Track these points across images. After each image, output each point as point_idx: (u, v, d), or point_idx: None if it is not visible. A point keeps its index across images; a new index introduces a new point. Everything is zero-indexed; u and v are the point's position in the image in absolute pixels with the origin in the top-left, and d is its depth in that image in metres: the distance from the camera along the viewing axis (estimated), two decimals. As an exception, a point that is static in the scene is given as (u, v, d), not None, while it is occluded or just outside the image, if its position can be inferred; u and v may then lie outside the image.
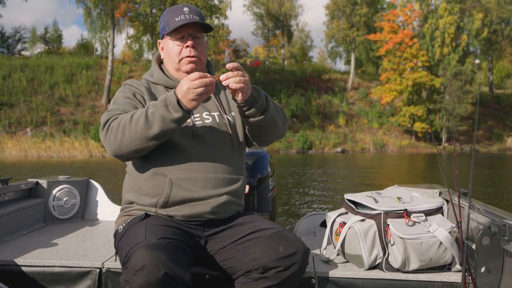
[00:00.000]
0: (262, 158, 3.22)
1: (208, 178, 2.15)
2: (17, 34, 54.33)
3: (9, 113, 33.88)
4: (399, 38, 45.21)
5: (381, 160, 28.90)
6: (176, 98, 1.96)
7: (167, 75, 2.34)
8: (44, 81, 37.62)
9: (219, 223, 2.19)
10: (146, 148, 2.06)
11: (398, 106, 45.49)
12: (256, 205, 3.11)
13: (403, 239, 2.22)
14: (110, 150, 2.11)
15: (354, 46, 51.81)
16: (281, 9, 51.31)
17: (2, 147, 30.17)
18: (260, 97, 2.15)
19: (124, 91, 2.28)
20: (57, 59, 41.95)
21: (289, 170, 19.56)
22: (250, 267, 2.00)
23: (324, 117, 44.33)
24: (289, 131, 40.14)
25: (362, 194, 2.49)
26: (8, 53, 50.54)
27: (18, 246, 2.63)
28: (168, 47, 2.29)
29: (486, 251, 2.05)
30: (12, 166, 21.71)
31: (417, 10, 49.23)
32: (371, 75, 53.68)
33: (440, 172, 12.22)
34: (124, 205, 2.27)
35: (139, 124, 2.00)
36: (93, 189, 3.51)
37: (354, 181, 15.06)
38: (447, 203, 2.61)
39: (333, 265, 2.37)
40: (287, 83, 46.78)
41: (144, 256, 1.73)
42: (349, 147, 40.60)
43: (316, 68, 55.28)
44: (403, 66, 45.10)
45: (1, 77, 36.58)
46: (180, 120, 1.98)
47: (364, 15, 49.94)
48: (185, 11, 2.22)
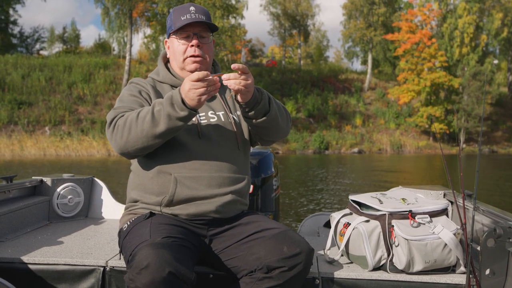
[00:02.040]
0: (266, 158, 3.22)
1: (213, 177, 2.16)
2: (35, 33, 55.19)
3: (28, 112, 34.27)
4: (417, 38, 44.85)
5: (398, 161, 28.71)
6: (181, 97, 1.98)
7: (173, 74, 2.35)
8: (62, 80, 37.99)
9: (224, 222, 2.20)
10: (152, 145, 2.07)
11: (416, 107, 45.11)
12: (260, 205, 3.11)
13: (407, 240, 2.21)
14: (116, 148, 2.13)
15: (371, 46, 51.50)
16: (298, 8, 51.19)
17: (21, 145, 30.54)
18: (263, 100, 2.15)
19: (130, 89, 2.29)
20: (75, 59, 42.32)
21: (302, 170, 19.49)
22: (254, 266, 2.00)
23: (341, 117, 44.14)
24: (305, 131, 40.07)
25: (366, 195, 2.49)
26: (27, 53, 51.27)
27: (22, 243, 2.63)
28: (173, 46, 2.30)
29: (491, 253, 2.04)
30: (30, 164, 21.97)
31: (436, 10, 48.79)
32: (388, 75, 53.30)
33: (457, 174, 12.07)
34: (129, 204, 2.28)
35: (145, 122, 2.01)
36: (97, 187, 3.52)
37: (368, 182, 14.98)
38: (451, 205, 2.59)
39: (337, 266, 2.36)
40: (304, 83, 46.65)
41: (149, 254, 1.74)
42: (366, 148, 40.39)
43: (332, 68, 55.06)
44: (421, 66, 44.73)
45: (20, 76, 36.99)
46: (186, 118, 2.00)
47: (382, 15, 49.62)
48: (191, 10, 2.23)
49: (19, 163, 22.80)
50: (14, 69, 37.44)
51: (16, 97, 34.74)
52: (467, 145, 44.74)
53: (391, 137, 42.10)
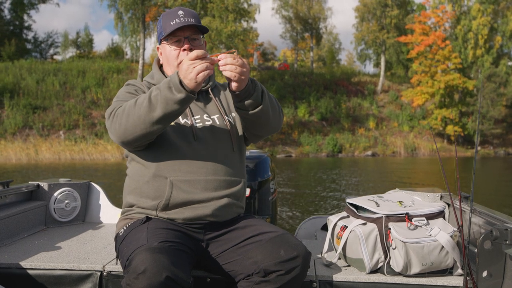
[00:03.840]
0: (263, 162, 3.23)
1: (208, 180, 2.16)
2: (49, 39, 55.59)
3: (42, 116, 34.58)
4: (430, 40, 44.52)
5: (412, 164, 28.52)
6: (179, 78, 1.95)
7: (167, 78, 2.32)
8: (76, 84, 38.29)
9: (220, 226, 2.20)
10: (151, 132, 2.03)
11: (430, 109, 44.79)
12: (257, 208, 3.11)
13: (404, 243, 2.21)
14: (115, 137, 2.11)
15: (384, 49, 51.27)
16: (310, 11, 51.10)
17: (36, 149, 30.82)
18: (256, 91, 2.11)
19: (126, 89, 2.30)
20: (89, 63, 42.62)
21: (316, 175, 19.44)
22: (251, 270, 2.00)
23: (354, 120, 43.96)
24: (318, 134, 39.97)
25: (363, 198, 2.49)
26: (41, 58, 51.68)
27: (19, 248, 2.63)
28: (165, 51, 2.29)
29: (488, 255, 2.03)
30: (46, 168, 22.18)
31: (449, 12, 48.44)
32: (401, 78, 52.97)
33: (468, 177, 11.95)
34: (125, 208, 2.28)
35: (142, 107, 1.99)
36: (94, 192, 3.51)
37: (383, 184, 14.90)
38: (448, 207, 2.58)
39: (334, 269, 2.37)
40: (316, 86, 46.54)
41: (146, 259, 1.74)
42: (379, 151, 40.17)
43: (345, 71, 54.85)
44: (435, 69, 44.41)
45: (35, 81, 37.33)
46: (183, 101, 1.96)
47: (395, 17, 49.37)
48: (179, 14, 2.22)
49: (34, 167, 23.03)
50: (29, 74, 37.80)
51: (31, 101, 35.07)
52: (482, 147, 44.32)
53: (405, 140, 41.82)
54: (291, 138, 39.55)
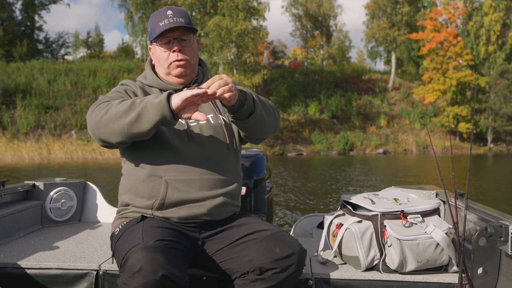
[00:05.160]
0: (258, 160, 3.22)
1: (203, 179, 2.16)
2: (60, 39, 55.91)
3: (54, 116, 34.88)
4: (442, 37, 44.22)
5: (423, 162, 28.37)
6: (169, 94, 1.94)
7: (160, 78, 2.33)
8: (87, 84, 38.54)
9: (216, 225, 2.20)
10: (121, 133, 2.01)
11: (442, 106, 44.51)
12: (253, 207, 3.11)
13: (400, 240, 2.21)
14: (90, 127, 2.10)
15: (395, 46, 51.00)
16: (320, 9, 51.00)
17: (48, 149, 31.10)
18: (247, 100, 2.12)
19: (117, 88, 2.31)
20: (99, 63, 42.86)
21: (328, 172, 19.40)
22: (247, 268, 2.00)
23: (365, 118, 43.81)
24: (329, 133, 39.90)
25: (359, 196, 2.49)
26: (52, 58, 52.04)
27: (15, 248, 2.63)
28: (156, 53, 2.28)
29: (483, 252, 2.03)
30: (58, 167, 22.36)
31: (461, 8, 48.10)
32: (412, 75, 52.66)
33: (484, 179, 11.97)
34: (120, 207, 2.28)
35: (123, 105, 2.00)
36: (90, 191, 3.50)
37: (394, 182, 14.83)
38: (444, 204, 2.58)
39: (330, 267, 2.37)
40: (327, 84, 46.44)
41: (141, 258, 1.74)
42: (391, 148, 40.02)
43: (355, 69, 54.64)
44: (446, 66, 44.12)
45: (46, 81, 37.62)
46: (160, 107, 1.91)
47: (406, 14, 49.09)
48: (168, 14, 2.19)
49: (47, 167, 23.22)
50: (40, 74, 38.12)
51: (43, 101, 35.38)
52: (495, 145, 44.00)
53: (417, 137, 41.60)
54: (302, 136, 39.51)
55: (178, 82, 2.30)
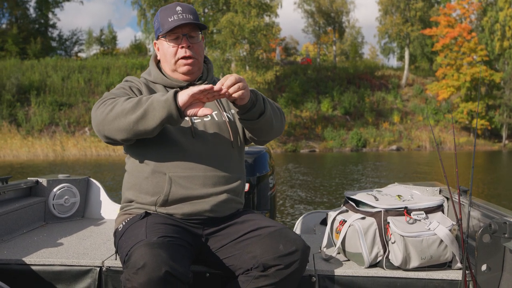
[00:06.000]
0: (261, 157, 3.23)
1: (207, 176, 2.17)
2: (74, 36, 56.26)
3: (68, 113, 35.12)
4: (456, 32, 43.81)
5: (437, 158, 28.14)
6: (176, 92, 1.96)
7: (165, 75, 2.33)
8: (100, 81, 38.74)
9: (219, 221, 2.20)
10: (127, 130, 2.02)
11: (455, 103, 44.14)
12: (256, 203, 3.12)
13: (403, 237, 2.21)
14: (94, 124, 2.10)
15: (408, 42, 50.64)
16: (333, 5, 50.78)
17: (63, 146, 31.36)
18: (258, 101, 2.13)
19: (122, 84, 2.31)
20: (113, 60, 43.04)
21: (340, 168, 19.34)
22: (250, 265, 2.00)
23: (378, 115, 43.57)
24: (342, 129, 39.77)
25: (362, 192, 2.49)
26: (66, 55, 52.33)
27: (18, 245, 2.64)
28: (163, 48, 2.28)
29: (487, 248, 2.03)
30: (73, 164, 22.53)
31: (475, 3, 47.57)
32: (425, 71, 52.26)
33: (497, 175, 11.88)
34: (124, 204, 2.28)
35: (129, 102, 2.01)
36: (93, 188, 3.50)
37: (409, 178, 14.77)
38: (447, 201, 2.57)
39: (333, 263, 2.37)
40: (340, 80, 46.25)
41: (145, 254, 1.74)
42: (404, 145, 39.78)
43: (368, 65, 54.34)
44: (460, 61, 43.72)
45: (60, 78, 37.88)
46: (167, 105, 1.94)
47: (420, 10, 48.70)
48: (178, 10, 2.20)
49: (61, 163, 23.41)
50: (54, 72, 38.38)
51: (57, 98, 35.63)
52: (510, 141, 43.55)
53: (430, 134, 41.28)
54: (315, 133, 39.42)
55: (183, 79, 2.31)
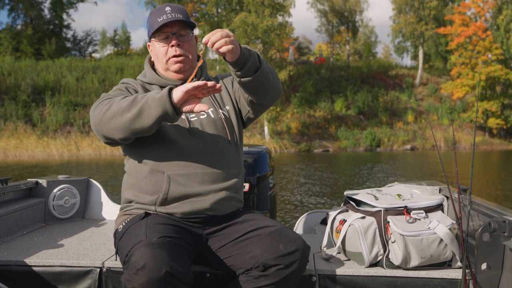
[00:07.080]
0: (261, 157, 3.23)
1: (205, 173, 2.18)
2: (88, 37, 56.51)
3: (82, 113, 35.33)
4: (471, 31, 43.39)
5: (452, 157, 27.91)
6: (170, 89, 1.97)
7: (159, 75, 2.36)
8: (115, 82, 38.87)
9: (219, 221, 2.21)
10: (123, 129, 2.04)
11: (470, 102, 43.74)
12: (256, 203, 3.12)
13: (403, 236, 2.21)
14: (93, 124, 2.14)
15: (422, 41, 50.27)
16: (346, 4, 50.57)
17: (77, 146, 31.59)
18: (252, 55, 2.10)
19: (118, 86, 2.35)
20: (126, 60, 43.23)
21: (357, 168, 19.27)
22: (250, 265, 2.01)
23: (392, 114, 43.30)
24: (356, 129, 39.58)
25: (362, 192, 2.49)
26: (80, 56, 52.69)
27: (18, 246, 2.64)
28: (155, 48, 2.32)
29: (486, 247, 2.03)
30: (87, 164, 22.71)
31: (491, 1, 47.09)
32: (439, 70, 51.83)
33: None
34: (124, 204, 2.30)
35: (125, 101, 2.03)
36: (93, 189, 3.50)
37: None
38: (447, 200, 2.56)
39: (333, 263, 2.37)
40: (353, 79, 46.03)
41: (145, 255, 1.75)
42: (418, 145, 39.52)
43: (382, 64, 54.00)
44: (475, 60, 43.31)
45: (75, 79, 38.11)
46: (161, 102, 1.94)
47: (434, 8, 48.33)
48: (167, 10, 2.23)
49: (76, 163, 23.61)
50: (69, 72, 38.63)
51: (71, 99, 35.86)
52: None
53: (445, 133, 40.96)
54: (328, 132, 39.28)
55: (177, 77, 2.33)
